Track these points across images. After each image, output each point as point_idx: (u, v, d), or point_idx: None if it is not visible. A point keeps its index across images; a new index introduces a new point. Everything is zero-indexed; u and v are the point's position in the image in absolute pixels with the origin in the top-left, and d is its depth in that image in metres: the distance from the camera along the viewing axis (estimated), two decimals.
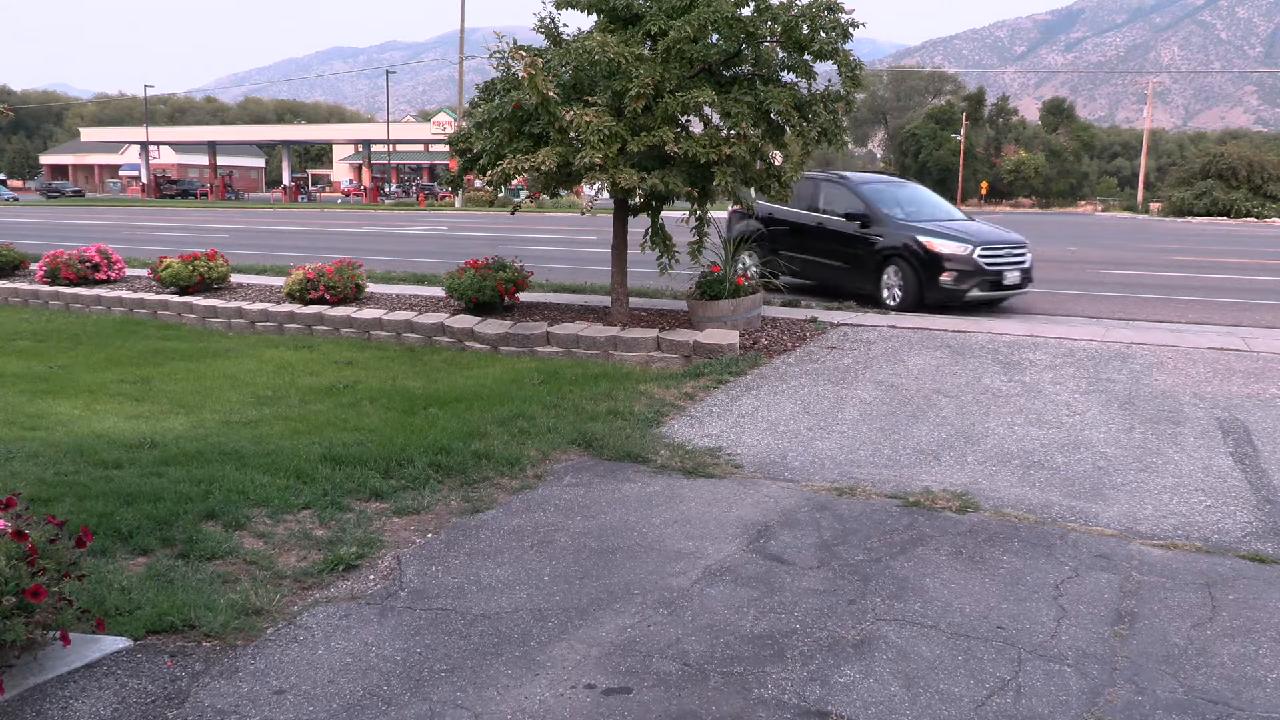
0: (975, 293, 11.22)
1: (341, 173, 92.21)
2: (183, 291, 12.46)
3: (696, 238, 9.68)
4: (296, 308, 10.95)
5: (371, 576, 4.18)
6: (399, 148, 75.40)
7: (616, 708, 3.17)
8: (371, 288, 12.20)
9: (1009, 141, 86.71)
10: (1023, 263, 11.64)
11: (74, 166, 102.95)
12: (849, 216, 12.06)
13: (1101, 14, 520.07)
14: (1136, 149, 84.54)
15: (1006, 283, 11.39)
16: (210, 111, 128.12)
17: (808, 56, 8.88)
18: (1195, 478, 5.57)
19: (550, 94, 8.19)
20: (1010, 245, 11.61)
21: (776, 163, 9.83)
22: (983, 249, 11.30)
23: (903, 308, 11.38)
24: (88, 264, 13.42)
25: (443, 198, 55.26)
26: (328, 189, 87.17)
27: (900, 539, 4.61)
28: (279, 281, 13.11)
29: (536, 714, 3.13)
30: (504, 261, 10.67)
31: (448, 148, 10.35)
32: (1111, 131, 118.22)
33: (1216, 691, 3.30)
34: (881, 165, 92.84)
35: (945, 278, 11.14)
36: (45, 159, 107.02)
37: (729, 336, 8.80)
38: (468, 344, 9.61)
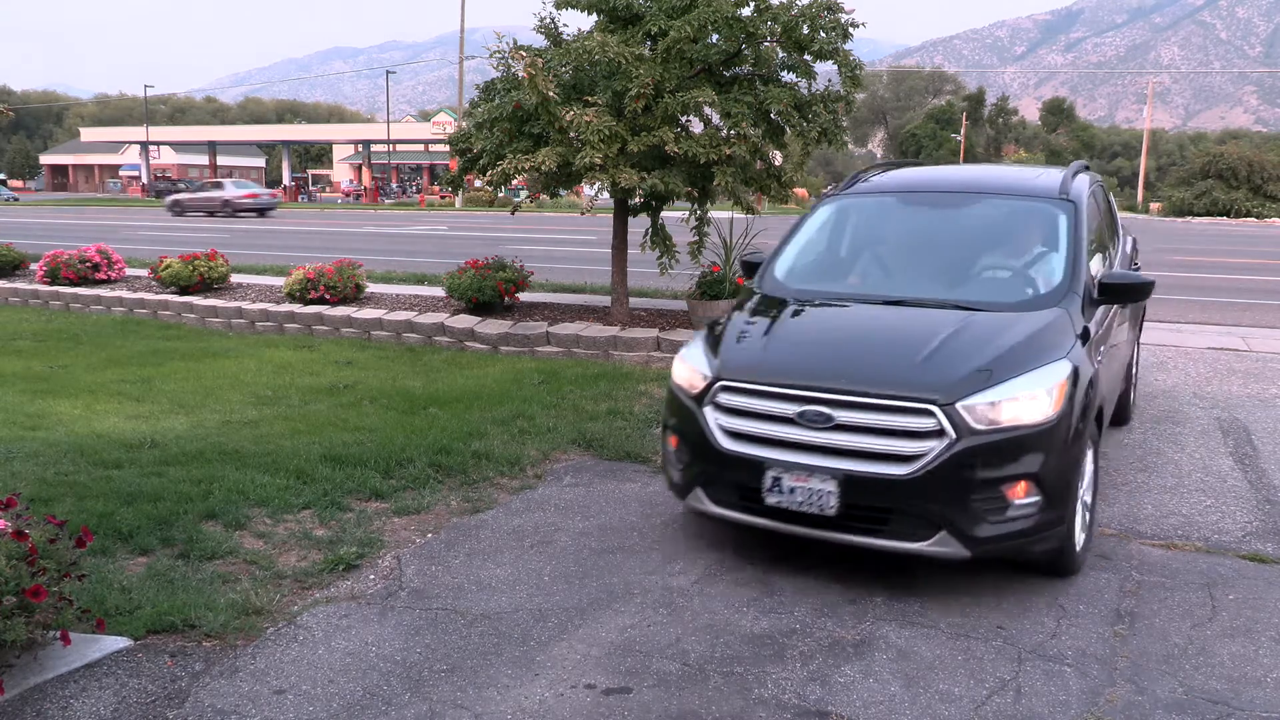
0: (705, 505, 4.30)
1: (341, 173, 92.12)
2: (183, 291, 12.46)
3: (696, 238, 9.68)
4: (296, 308, 10.95)
5: (371, 576, 4.18)
6: (399, 148, 75.35)
7: (616, 708, 3.17)
8: (371, 288, 12.19)
9: (1009, 141, 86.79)
10: (921, 449, 3.78)
11: (74, 166, 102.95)
12: (748, 266, 5.71)
13: (1101, 14, 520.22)
14: (1136, 149, 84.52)
15: (779, 503, 3.96)
16: (210, 111, 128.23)
17: (808, 56, 8.87)
18: (1195, 478, 5.57)
19: (550, 94, 8.19)
20: (848, 396, 3.92)
21: (776, 163, 9.83)
22: (734, 384, 4.27)
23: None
24: (88, 264, 13.42)
25: (444, 197, 55.22)
26: (328, 189, 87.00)
27: None
28: (279, 281, 13.11)
29: (536, 714, 3.13)
30: (504, 261, 10.67)
31: (448, 148, 10.35)
32: (1111, 131, 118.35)
33: (1216, 691, 3.30)
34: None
35: (669, 447, 4.65)
36: (45, 159, 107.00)
37: None
38: (468, 344, 9.61)
